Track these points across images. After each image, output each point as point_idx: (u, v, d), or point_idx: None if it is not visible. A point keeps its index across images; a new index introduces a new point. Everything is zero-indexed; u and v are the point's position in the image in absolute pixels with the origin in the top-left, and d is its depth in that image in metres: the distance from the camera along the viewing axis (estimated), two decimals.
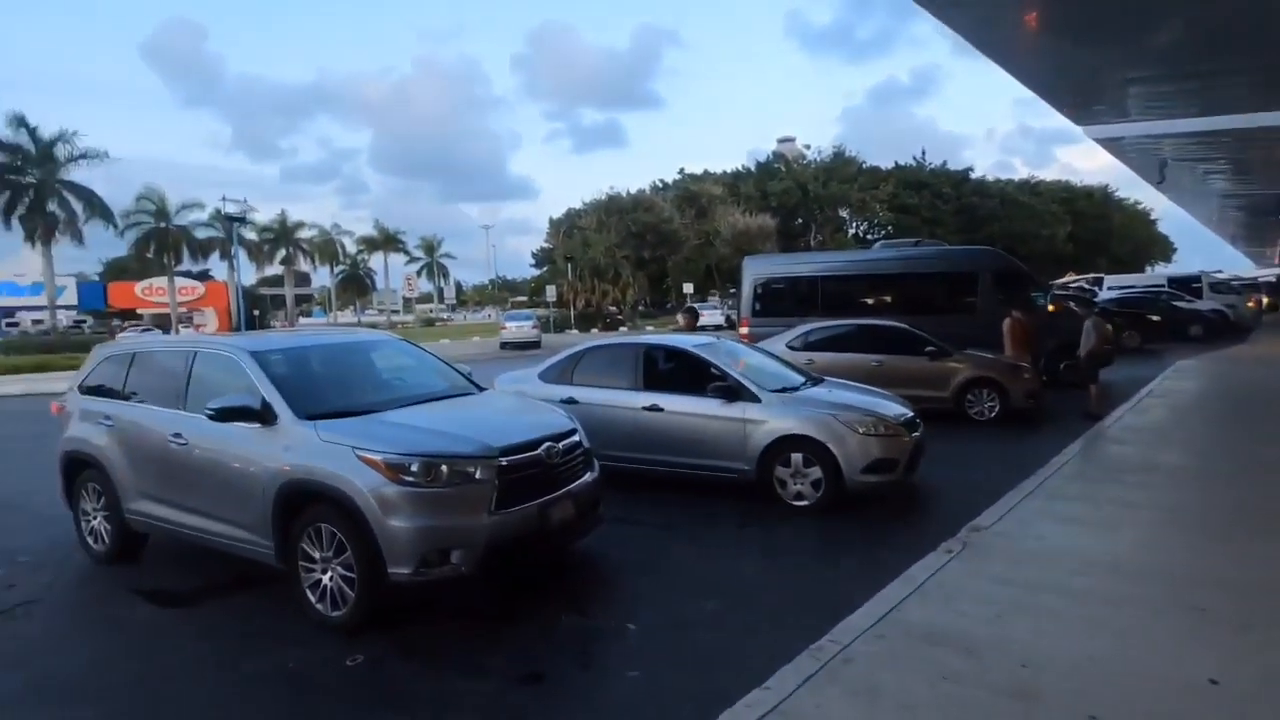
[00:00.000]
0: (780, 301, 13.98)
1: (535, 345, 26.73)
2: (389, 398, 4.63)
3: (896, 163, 62.82)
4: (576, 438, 4.44)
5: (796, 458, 5.65)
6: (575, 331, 36.95)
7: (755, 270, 14.50)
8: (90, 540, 5.16)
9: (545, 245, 74.05)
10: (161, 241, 46.24)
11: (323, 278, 75.21)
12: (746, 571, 4.60)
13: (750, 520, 5.55)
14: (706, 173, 63.50)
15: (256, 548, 4.12)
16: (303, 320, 65.28)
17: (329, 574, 3.81)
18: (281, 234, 58.26)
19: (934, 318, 10.85)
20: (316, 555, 3.84)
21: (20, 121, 33.67)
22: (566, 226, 66.00)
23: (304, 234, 61.65)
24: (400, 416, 4.21)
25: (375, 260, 72.91)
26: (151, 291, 60.58)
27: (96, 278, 64.98)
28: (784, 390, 6.11)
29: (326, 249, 66.67)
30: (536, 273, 74.49)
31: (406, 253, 71.62)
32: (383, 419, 4.12)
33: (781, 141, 77.60)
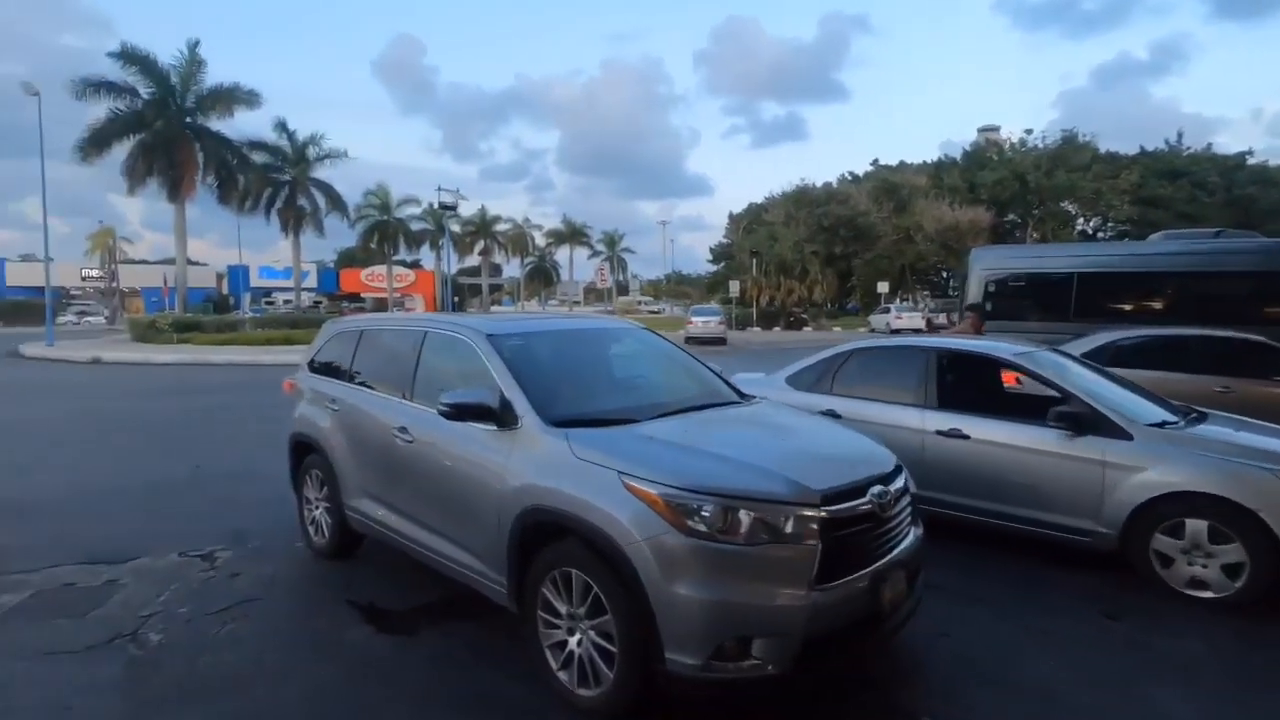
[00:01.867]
0: (1018, 302, 11.50)
1: (721, 342, 25.62)
2: (643, 404, 3.61)
3: (1142, 148, 53.46)
4: (903, 479, 3.12)
5: (1196, 526, 3.86)
6: (758, 329, 35.39)
7: (987, 264, 12.05)
8: (311, 530, 4.76)
9: (724, 240, 73.13)
10: (383, 232, 51.49)
11: (512, 269, 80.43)
12: (1161, 704, 3.00)
13: (1122, 609, 3.86)
14: (903, 164, 58.56)
15: (486, 580, 3.28)
16: (494, 308, 70.05)
17: (578, 637, 2.84)
18: (481, 226, 62.68)
19: (1240, 330, 8.00)
20: (563, 610, 2.88)
21: (282, 126, 38.85)
22: (748, 221, 64.48)
23: (500, 227, 65.96)
24: (666, 431, 3.15)
25: (560, 253, 76.70)
26: (373, 277, 68.43)
27: (331, 265, 74.20)
28: (1161, 425, 4.31)
29: (518, 241, 70.98)
30: (713, 268, 73.83)
31: (590, 246, 74.24)
32: (647, 434, 3.08)
33: (982, 131, 69.50)
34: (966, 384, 5.00)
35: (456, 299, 73.09)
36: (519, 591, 3.08)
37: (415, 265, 71.79)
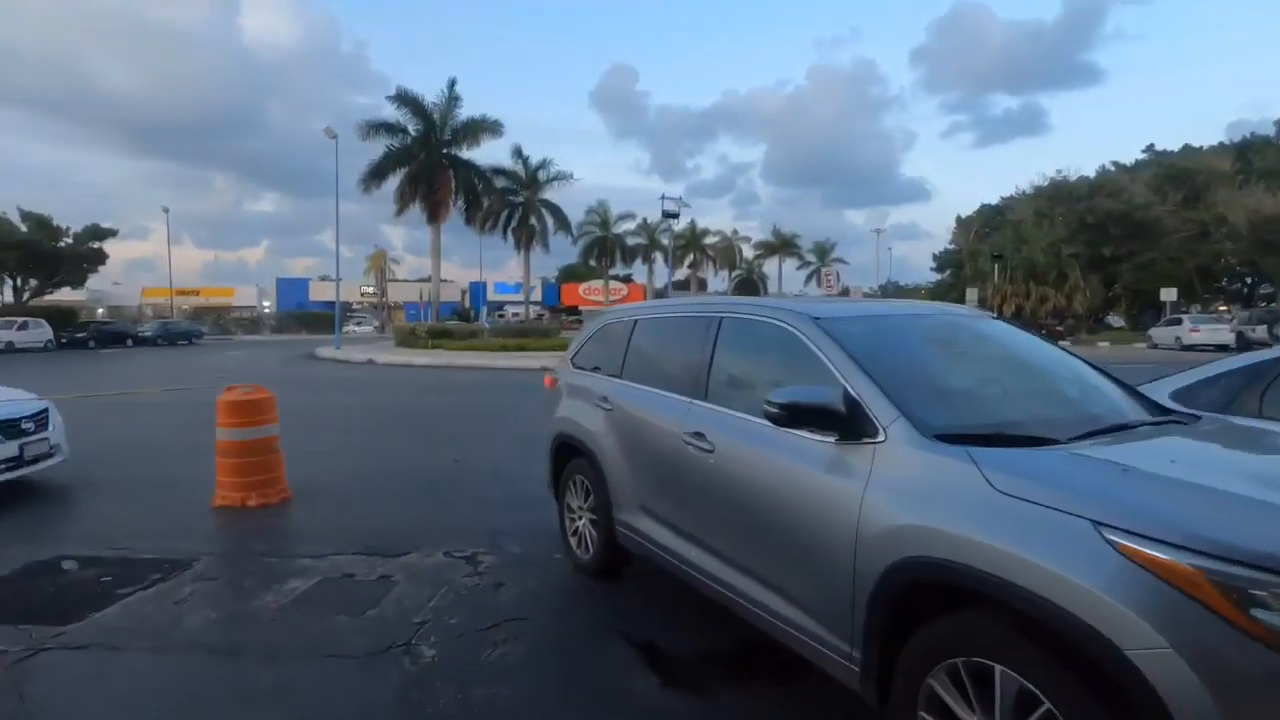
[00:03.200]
0: None
1: None
2: (1060, 416, 2.52)
3: None
4: None
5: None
6: None
7: None
8: (573, 542, 4.29)
9: (950, 246, 66.62)
10: (602, 247, 54.37)
11: (718, 283, 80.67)
12: None
13: None
14: (1189, 148, 48.48)
15: (819, 647, 2.40)
16: None
17: None
18: (691, 240, 63.57)
19: None
20: None
21: (518, 153, 42.59)
22: (980, 224, 57.88)
23: (708, 240, 66.47)
24: (1131, 457, 2.05)
25: (768, 265, 75.35)
26: (590, 291, 72.81)
27: (553, 280, 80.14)
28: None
29: (726, 254, 71.00)
30: (937, 277, 67.60)
31: (799, 257, 71.96)
32: (1111, 460, 2.00)
33: None
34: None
35: None
36: (882, 678, 2.15)
37: (628, 280, 75.16)
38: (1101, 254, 33.51)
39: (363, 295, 72.40)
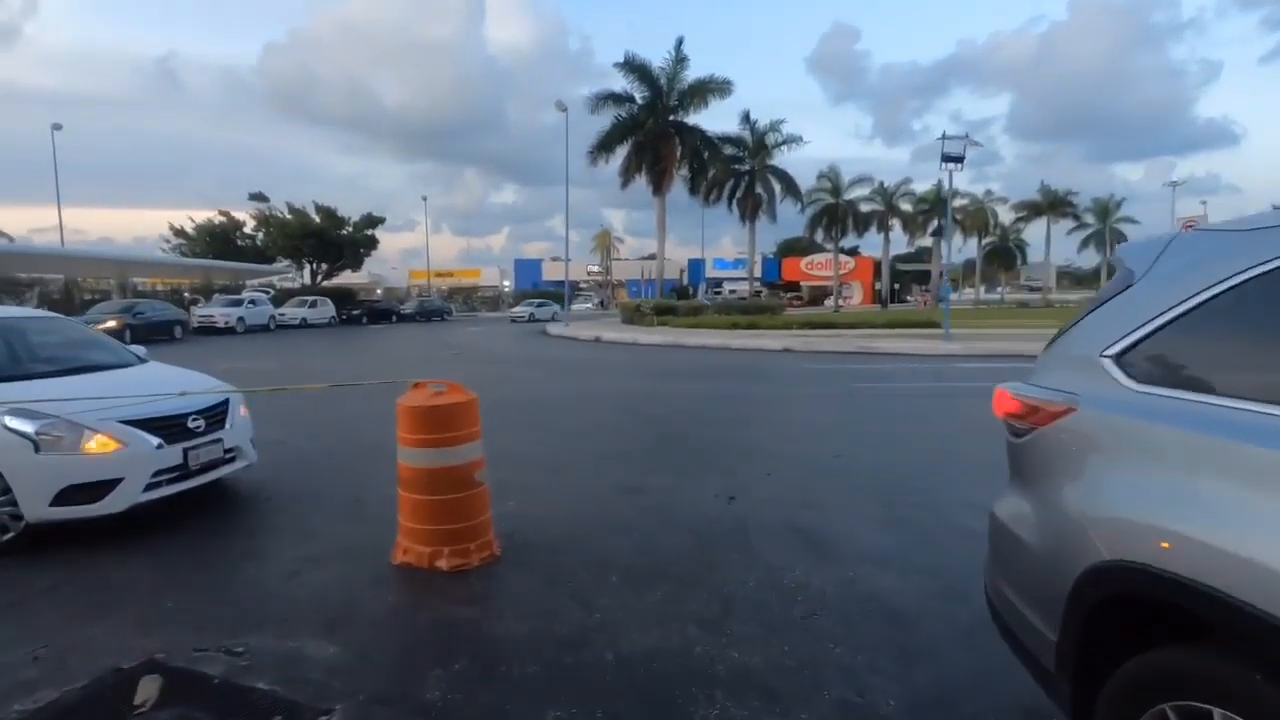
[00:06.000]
0: None
1: None
2: None
3: None
4: None
5: None
6: None
7: None
8: None
9: None
10: (832, 216, 49.60)
11: (967, 251, 70.53)
12: None
13: None
14: None
15: None
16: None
17: None
18: (935, 204, 55.76)
19: None
20: None
21: (745, 117, 39.71)
22: None
23: (957, 203, 57.86)
24: None
25: (1030, 230, 63.99)
26: (814, 265, 67.89)
27: (773, 255, 76.35)
28: None
29: (977, 218, 61.64)
30: None
31: (1076, 217, 59.94)
32: None
33: None
34: None
35: (897, 286, 67.72)
36: None
37: (854, 252, 68.73)
38: None
39: (589, 274, 75.09)
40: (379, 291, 71.07)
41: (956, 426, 7.36)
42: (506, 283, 78.66)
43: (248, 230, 42.73)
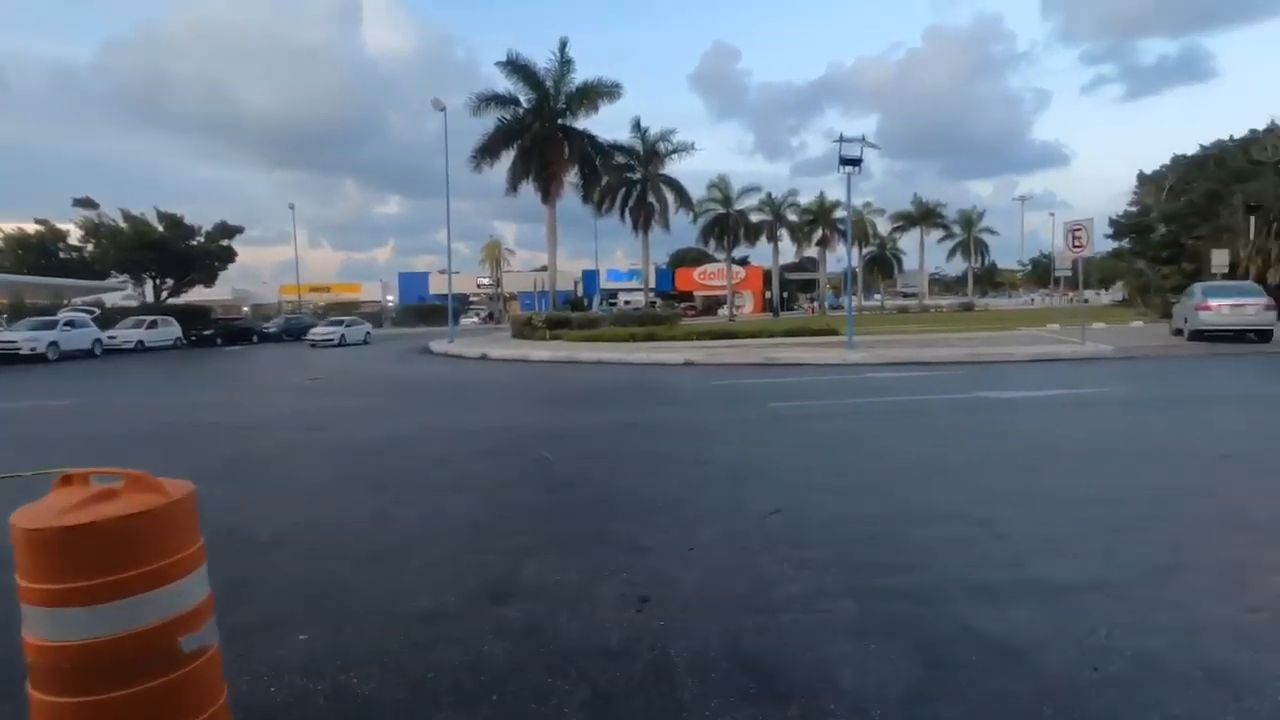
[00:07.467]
0: None
1: (1266, 337, 16.40)
2: None
3: None
4: None
5: None
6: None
7: None
8: None
9: (1130, 208, 56.71)
10: (724, 225, 49.90)
11: (845, 263, 73.60)
12: None
13: None
14: None
15: None
16: (816, 304, 64.38)
17: None
18: (820, 214, 57.66)
19: None
20: None
21: (637, 126, 38.96)
22: (1174, 182, 48.07)
23: (838, 214, 60.20)
24: None
25: (906, 240, 67.75)
26: (707, 275, 68.44)
27: (665, 266, 76.52)
28: None
29: (857, 228, 64.44)
30: (1112, 245, 57.82)
31: (945, 228, 63.97)
32: None
33: None
34: None
35: (785, 295, 69.53)
36: None
37: (744, 262, 69.97)
38: None
39: (479, 287, 72.01)
40: (246, 309, 64.75)
41: (911, 458, 6.29)
42: (390, 298, 74.06)
43: (73, 241, 37.00)
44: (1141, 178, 59.57)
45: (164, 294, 39.29)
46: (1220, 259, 24.27)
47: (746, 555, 3.81)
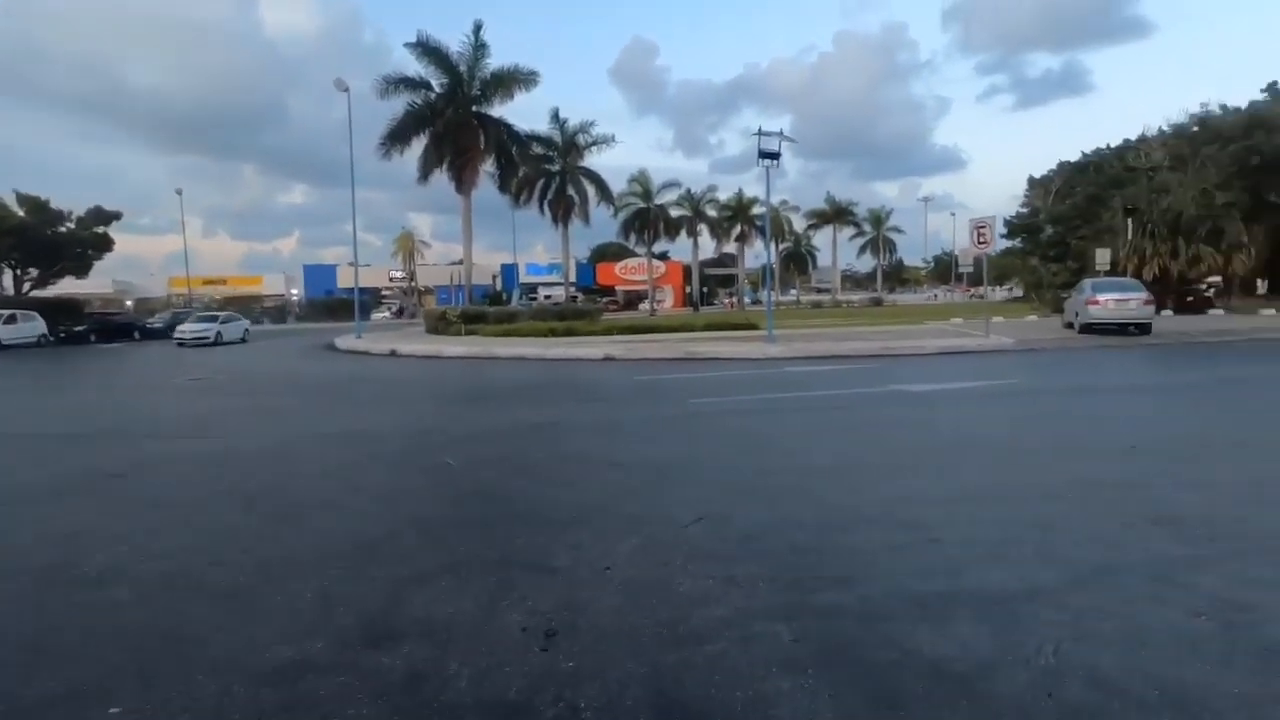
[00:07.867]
0: None
1: (1145, 329, 17.58)
2: None
3: None
4: None
5: None
6: (1170, 313, 25.77)
7: None
8: None
9: (1021, 210, 60.61)
10: (644, 220, 49.72)
11: (765, 256, 75.29)
12: None
13: None
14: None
15: None
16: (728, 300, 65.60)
17: None
18: (738, 210, 58.47)
19: None
20: None
21: (555, 116, 38.08)
22: (1059, 185, 51.74)
23: (756, 210, 61.30)
24: None
25: (819, 237, 69.84)
26: (628, 270, 68.21)
27: (586, 260, 75.90)
28: None
29: (774, 225, 65.81)
30: (1006, 244, 61.73)
31: (856, 225, 66.33)
32: None
33: None
34: None
35: (705, 290, 70.44)
36: None
37: (664, 257, 70.26)
38: (1268, 200, 27.71)
39: (391, 280, 68.96)
40: (129, 303, 59.49)
41: (834, 456, 6.11)
42: (295, 291, 69.74)
43: None
44: (1031, 181, 63.93)
45: (26, 285, 35.33)
46: (1103, 257, 26.08)
47: (668, 572, 3.43)
